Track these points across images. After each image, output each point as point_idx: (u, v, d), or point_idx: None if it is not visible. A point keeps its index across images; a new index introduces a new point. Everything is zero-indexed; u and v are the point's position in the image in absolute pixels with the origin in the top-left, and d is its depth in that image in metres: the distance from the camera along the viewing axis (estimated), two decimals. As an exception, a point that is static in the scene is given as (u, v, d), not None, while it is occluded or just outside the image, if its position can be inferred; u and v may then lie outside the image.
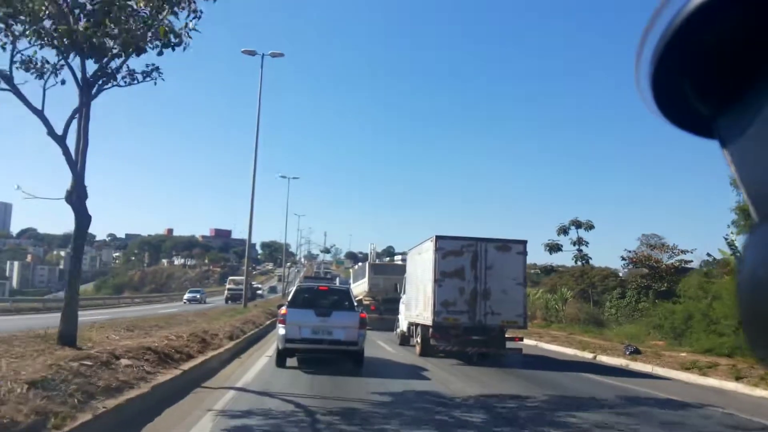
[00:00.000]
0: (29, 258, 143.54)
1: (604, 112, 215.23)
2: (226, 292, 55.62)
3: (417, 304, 16.04)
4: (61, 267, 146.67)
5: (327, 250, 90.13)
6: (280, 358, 11.02)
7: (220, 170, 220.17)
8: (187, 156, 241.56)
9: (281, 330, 10.94)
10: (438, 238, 14.56)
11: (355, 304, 12.39)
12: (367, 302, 27.48)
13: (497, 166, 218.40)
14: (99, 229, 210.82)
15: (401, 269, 28.13)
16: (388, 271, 29.84)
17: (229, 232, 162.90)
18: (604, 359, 16.30)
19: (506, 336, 14.59)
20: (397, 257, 42.92)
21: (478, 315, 14.00)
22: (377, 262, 46.60)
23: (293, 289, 13.42)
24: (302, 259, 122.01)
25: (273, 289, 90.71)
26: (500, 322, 14.11)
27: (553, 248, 30.70)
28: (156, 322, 13.81)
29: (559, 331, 24.52)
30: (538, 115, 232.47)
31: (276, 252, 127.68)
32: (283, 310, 11.40)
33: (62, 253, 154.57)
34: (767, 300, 0.61)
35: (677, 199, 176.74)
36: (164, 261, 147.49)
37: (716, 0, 0.64)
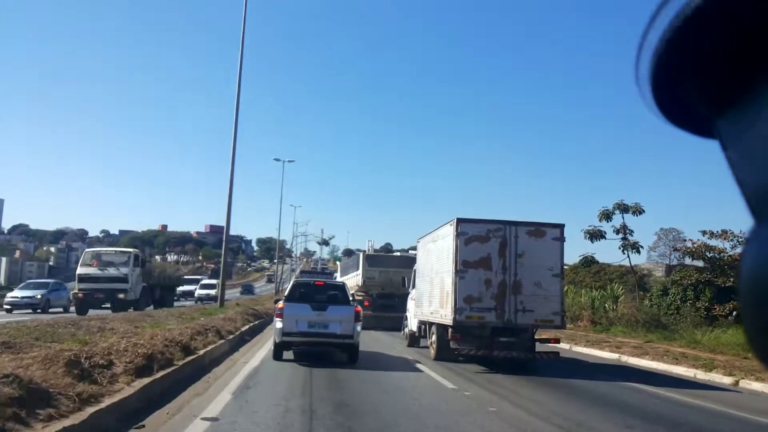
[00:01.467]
0: (18, 254, 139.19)
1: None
2: (75, 285, 26.16)
3: (431, 300, 14.00)
4: (51, 263, 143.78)
5: (325, 242, 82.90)
6: (277, 351, 11.50)
7: (217, 167, 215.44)
8: (183, 153, 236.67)
9: (278, 324, 11.37)
10: (459, 221, 12.49)
11: (351, 298, 12.68)
12: (360, 297, 23.56)
13: (500, 165, 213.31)
14: (92, 225, 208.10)
15: (399, 261, 25.72)
16: (385, 263, 25.96)
17: (224, 229, 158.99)
18: (758, 387, 10.91)
19: (539, 337, 13.03)
20: (396, 254, 39.75)
21: (508, 312, 12.09)
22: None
23: (289, 285, 13.54)
24: (298, 255, 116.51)
25: (248, 289, 69.44)
26: (534, 321, 12.23)
27: (595, 236, 25.32)
28: (52, 333, 8.65)
29: (628, 338, 19.52)
30: (543, 111, 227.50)
31: (273, 249, 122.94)
32: (280, 304, 11.80)
33: (52, 249, 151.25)
34: (767, 300, 0.61)
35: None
36: (157, 257, 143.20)
37: (716, 0, 0.64)
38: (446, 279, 12.75)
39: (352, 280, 26.17)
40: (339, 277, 33.02)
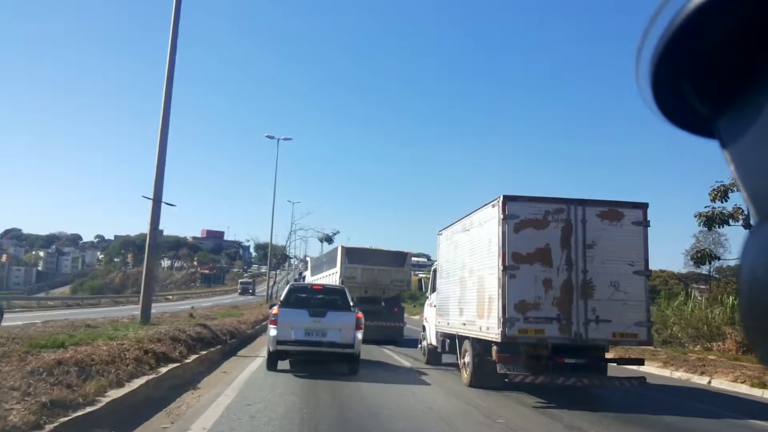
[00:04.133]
0: (5, 258, 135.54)
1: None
2: None
3: (463, 308, 11.22)
4: (39, 268, 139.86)
5: (329, 238, 74.61)
6: (271, 361, 10.96)
7: (215, 172, 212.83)
8: (182, 156, 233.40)
9: (272, 331, 10.89)
10: (507, 198, 9.43)
11: (351, 303, 11.93)
12: None
13: (500, 167, 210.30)
14: (86, 230, 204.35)
15: (387, 257, 21.60)
16: (369, 259, 20.96)
17: (221, 234, 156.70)
18: None
19: (617, 357, 10.74)
20: (383, 249, 34.46)
21: (576, 324, 9.14)
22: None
23: (284, 291, 12.67)
24: (300, 258, 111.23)
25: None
26: (611, 335, 9.30)
27: (715, 220, 18.19)
28: None
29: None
30: (550, 110, 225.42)
31: (273, 254, 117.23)
32: (275, 310, 11.27)
33: (41, 254, 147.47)
34: (767, 300, 0.62)
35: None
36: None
37: (716, 0, 0.65)
38: (488, 279, 9.83)
39: (327, 281, 21.51)
40: (308, 278, 28.42)
